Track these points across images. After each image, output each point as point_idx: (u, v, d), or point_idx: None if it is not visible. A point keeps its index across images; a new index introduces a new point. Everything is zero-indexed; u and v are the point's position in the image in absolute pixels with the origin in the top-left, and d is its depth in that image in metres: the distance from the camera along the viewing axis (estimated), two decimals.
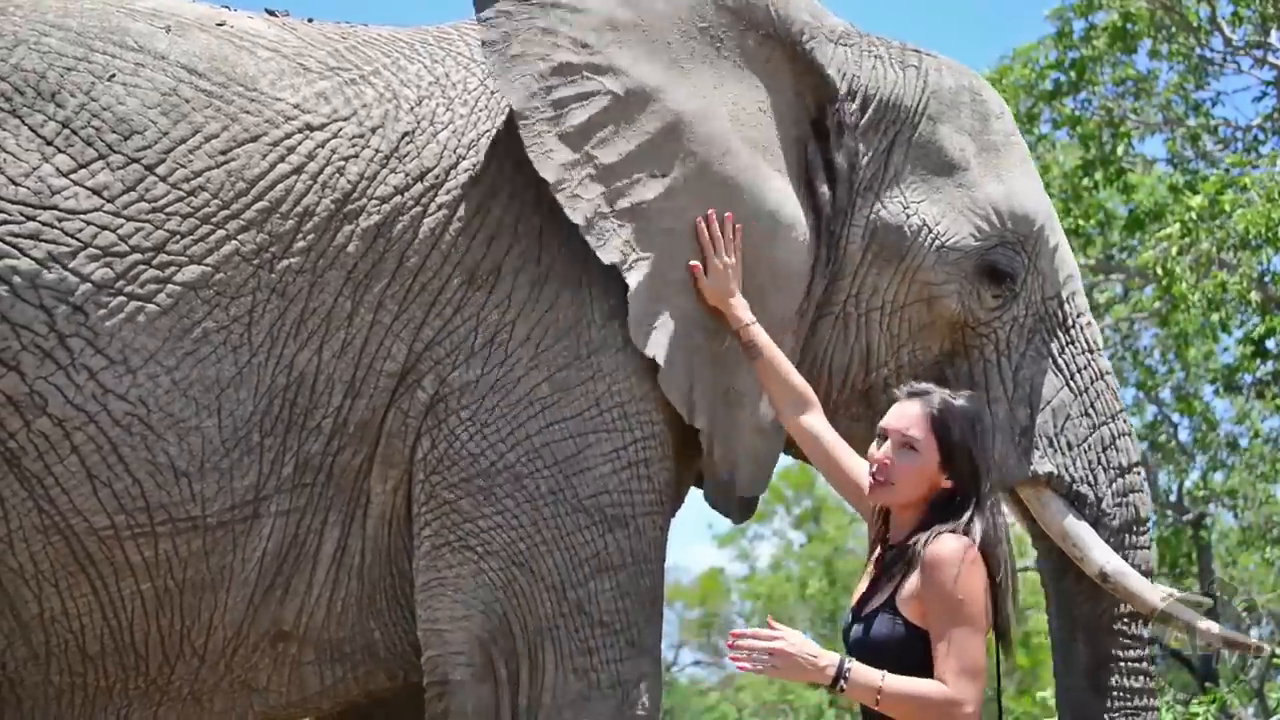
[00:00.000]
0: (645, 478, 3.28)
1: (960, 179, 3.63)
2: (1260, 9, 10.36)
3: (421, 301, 3.19)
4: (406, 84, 3.31)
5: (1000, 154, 3.71)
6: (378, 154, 3.21)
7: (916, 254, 3.56)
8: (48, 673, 3.09)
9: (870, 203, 3.56)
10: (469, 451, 3.17)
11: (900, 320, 3.58)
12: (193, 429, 3.05)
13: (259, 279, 3.10)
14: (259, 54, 3.23)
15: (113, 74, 3.09)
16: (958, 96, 3.69)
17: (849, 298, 3.56)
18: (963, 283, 3.58)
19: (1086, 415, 3.66)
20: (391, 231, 3.18)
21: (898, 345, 3.59)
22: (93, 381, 2.98)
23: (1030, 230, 3.66)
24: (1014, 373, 3.64)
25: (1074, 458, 3.63)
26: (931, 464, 2.80)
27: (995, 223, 3.61)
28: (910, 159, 3.61)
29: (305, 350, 3.13)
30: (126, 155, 3.05)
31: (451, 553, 3.18)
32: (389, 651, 3.28)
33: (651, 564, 3.31)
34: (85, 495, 3.00)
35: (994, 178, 3.66)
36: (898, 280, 3.56)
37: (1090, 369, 3.70)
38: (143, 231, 3.03)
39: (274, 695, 3.25)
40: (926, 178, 3.61)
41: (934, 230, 3.57)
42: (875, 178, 3.58)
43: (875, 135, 3.59)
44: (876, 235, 3.55)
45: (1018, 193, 3.68)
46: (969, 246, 3.58)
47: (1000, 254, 3.60)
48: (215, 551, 3.10)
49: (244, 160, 3.12)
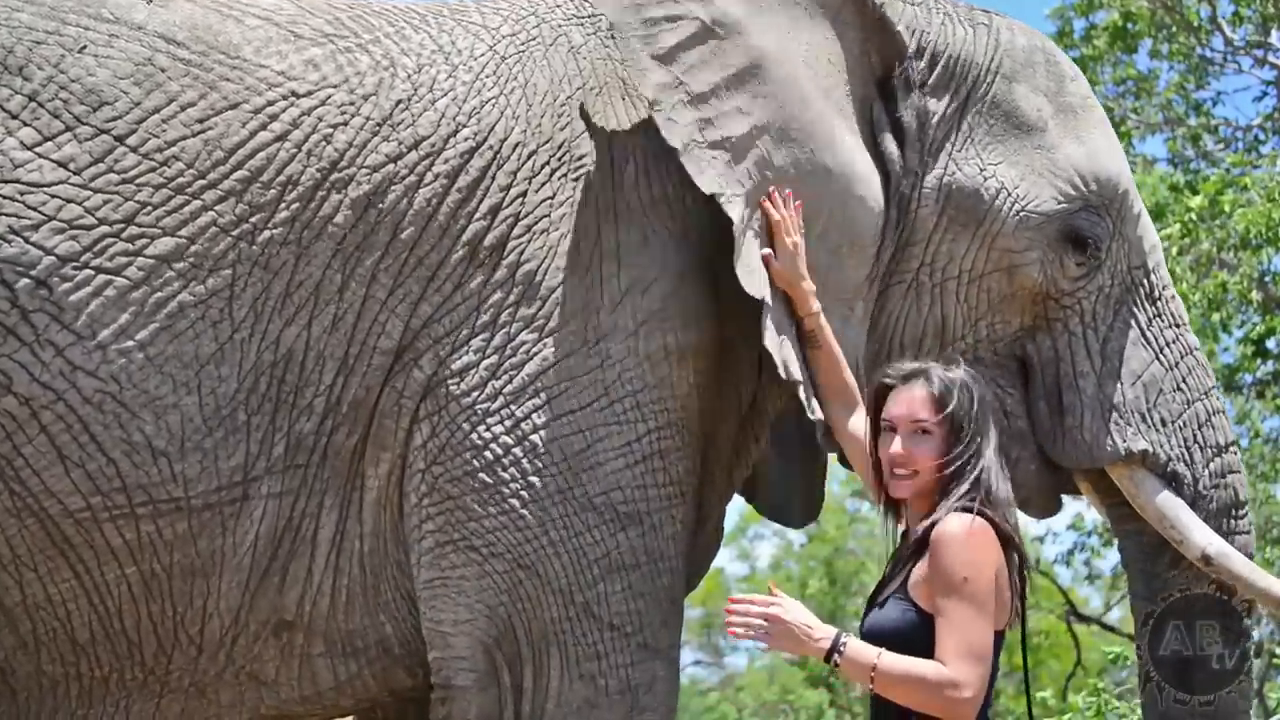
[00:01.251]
0: (661, 470, 3.16)
1: (1038, 140, 3.47)
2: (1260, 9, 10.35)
3: (418, 276, 3.08)
4: (407, 52, 3.21)
5: (1079, 115, 3.55)
6: (369, 121, 3.10)
7: (995, 219, 3.40)
8: (39, 662, 3.03)
9: (943, 165, 3.40)
10: (472, 443, 3.07)
11: (978, 291, 3.42)
12: (170, 406, 2.96)
13: (239, 251, 3.00)
14: (247, 22, 3.14)
15: (84, 45, 3.00)
16: (1031, 56, 3.53)
17: (922, 266, 3.40)
18: (1045, 250, 3.42)
19: (1179, 390, 3.49)
20: (383, 202, 3.07)
21: (975, 318, 3.43)
22: (60, 358, 2.90)
23: (1115, 194, 3.50)
24: (1101, 346, 3.47)
25: (1168, 435, 3.46)
26: (947, 442, 2.75)
27: (1078, 186, 3.45)
28: (984, 120, 3.45)
29: (293, 326, 3.03)
30: (95, 126, 2.97)
31: (455, 552, 3.09)
32: (403, 648, 3.20)
33: (669, 561, 3.19)
34: (57, 476, 2.92)
35: (1074, 139, 3.50)
36: (975, 247, 3.40)
37: (1180, 343, 3.53)
38: (111, 203, 2.95)
39: (284, 689, 3.17)
40: (1002, 139, 3.45)
41: (1013, 194, 3.41)
42: (947, 138, 3.42)
43: (946, 95, 3.44)
44: (951, 199, 3.40)
45: (1100, 155, 3.52)
46: (1051, 210, 3.42)
47: (1084, 219, 3.44)
48: (203, 535, 3.01)
49: (222, 128, 3.03)
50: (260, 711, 3.19)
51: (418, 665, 3.22)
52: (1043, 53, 3.58)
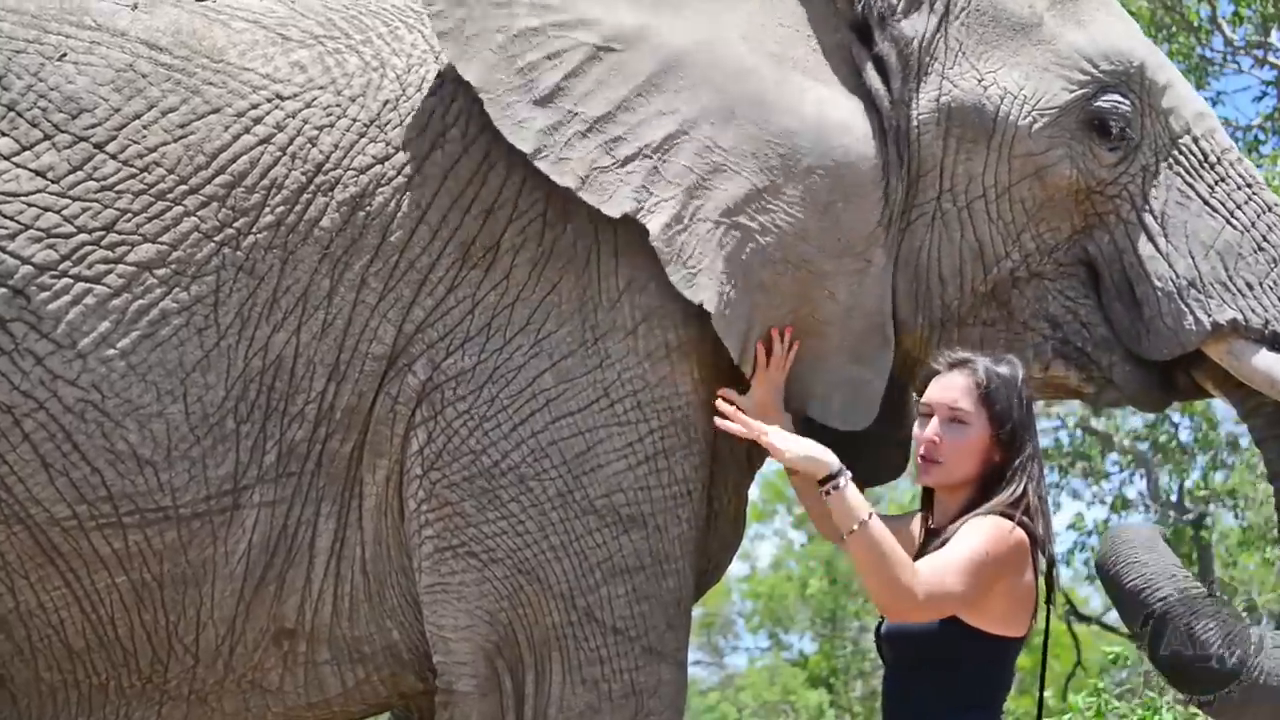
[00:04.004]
0: (665, 470, 3.09)
1: (1036, 36, 3.28)
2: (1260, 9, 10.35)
3: (409, 280, 3.03)
4: (398, 52, 3.16)
5: (1074, 4, 3.35)
6: (355, 123, 3.05)
7: (1007, 126, 3.22)
8: (36, 669, 3.02)
9: (936, 86, 3.23)
10: (469, 448, 3.04)
11: (1009, 203, 3.23)
12: (155, 415, 2.93)
13: (223, 256, 2.96)
14: (234, 25, 3.10)
15: (64, 53, 2.97)
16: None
17: (942, 193, 3.23)
18: (1070, 145, 3.24)
19: (1260, 250, 3.27)
20: (371, 204, 3.02)
21: (1016, 231, 3.24)
22: (40, 367, 2.88)
23: (1129, 67, 3.29)
24: (1162, 226, 3.26)
25: (1257, 298, 3.24)
26: (983, 437, 2.72)
27: (1088, 69, 3.26)
28: (971, 30, 3.27)
29: (281, 331, 2.99)
30: (73, 134, 2.94)
31: (455, 558, 3.06)
32: (412, 653, 3.17)
33: (674, 563, 3.13)
34: (42, 484, 2.90)
35: (1074, 25, 3.31)
36: (993, 160, 3.22)
37: (1253, 203, 3.31)
38: (90, 211, 2.92)
39: (290, 696, 3.14)
40: (996, 44, 3.26)
41: (1019, 96, 3.23)
42: (934, 59, 3.25)
43: (920, 15, 3.27)
44: (954, 117, 3.23)
45: (1107, 33, 3.33)
46: (1064, 102, 3.24)
47: (1104, 102, 3.25)
48: (194, 544, 2.99)
49: (204, 133, 2.99)
50: (266, 719, 3.17)
51: (428, 669, 3.19)
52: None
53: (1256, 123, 11.10)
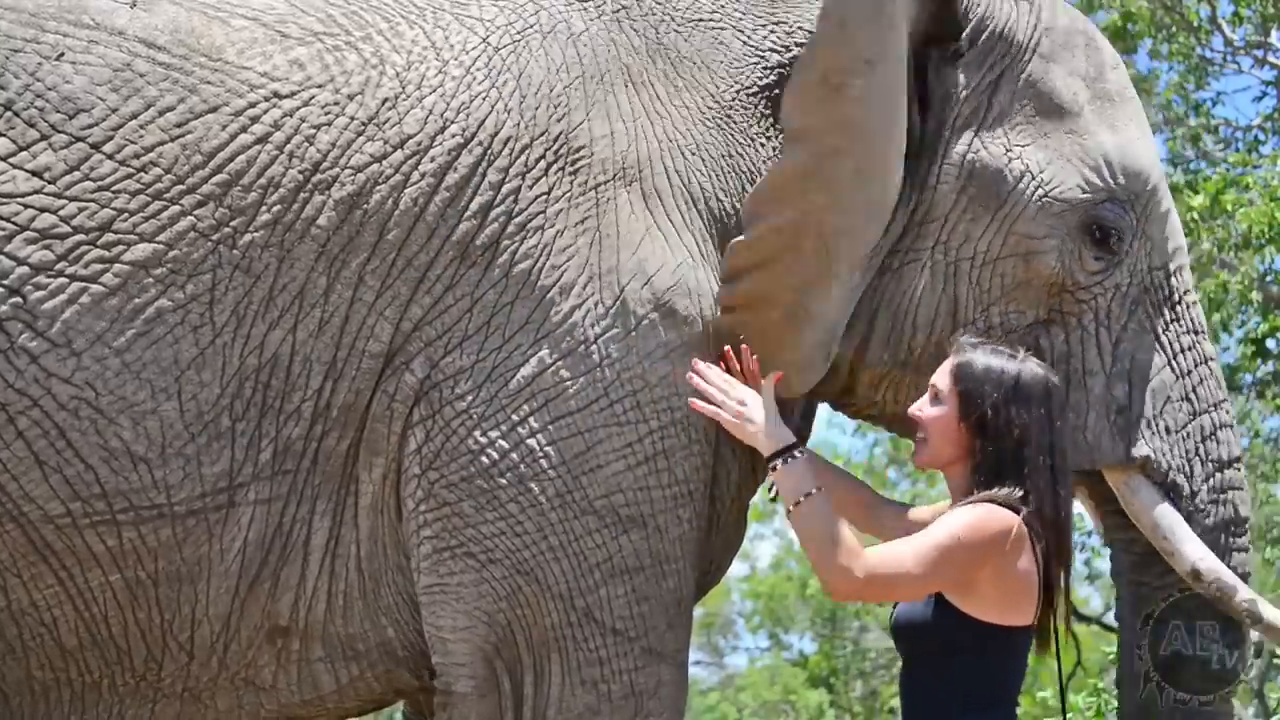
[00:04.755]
0: (665, 471, 3.07)
1: (1071, 125, 3.33)
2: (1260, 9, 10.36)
3: (407, 278, 3.01)
4: (397, 49, 3.13)
5: (1115, 105, 3.40)
6: (353, 121, 3.03)
7: (1017, 202, 3.27)
8: (28, 668, 3.00)
9: (968, 141, 3.28)
10: (468, 448, 3.01)
11: (991, 274, 3.28)
12: (149, 413, 2.91)
13: (219, 255, 2.94)
14: (233, 23, 3.08)
15: (62, 53, 2.95)
16: (1072, 38, 3.39)
17: (937, 244, 3.28)
18: (1065, 239, 3.28)
19: (1187, 400, 3.34)
20: (368, 202, 3.00)
21: (987, 302, 3.29)
22: (34, 365, 2.86)
23: (1143, 189, 3.35)
24: (1114, 346, 3.32)
25: (1171, 444, 3.31)
26: (953, 418, 2.72)
27: (1106, 176, 3.31)
28: (1017, 99, 3.32)
29: (277, 330, 2.97)
30: (70, 134, 2.92)
31: (453, 559, 3.04)
32: (407, 650, 3.15)
33: (675, 563, 3.11)
34: (35, 481, 2.88)
35: (1107, 127, 3.36)
36: (993, 229, 3.28)
37: (1195, 351, 3.37)
38: (86, 211, 2.90)
39: (284, 693, 3.13)
40: (1033, 120, 3.32)
41: (1038, 177, 3.28)
42: (975, 114, 3.30)
43: (980, 69, 3.31)
44: (974, 177, 3.27)
45: (1133, 147, 3.38)
46: (1075, 199, 3.29)
47: (1108, 210, 3.30)
48: (188, 541, 2.97)
49: (201, 132, 2.97)
50: (260, 715, 3.16)
51: (423, 667, 3.18)
52: (1084, 35, 3.43)
53: (1256, 123, 11.12)
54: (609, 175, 3.12)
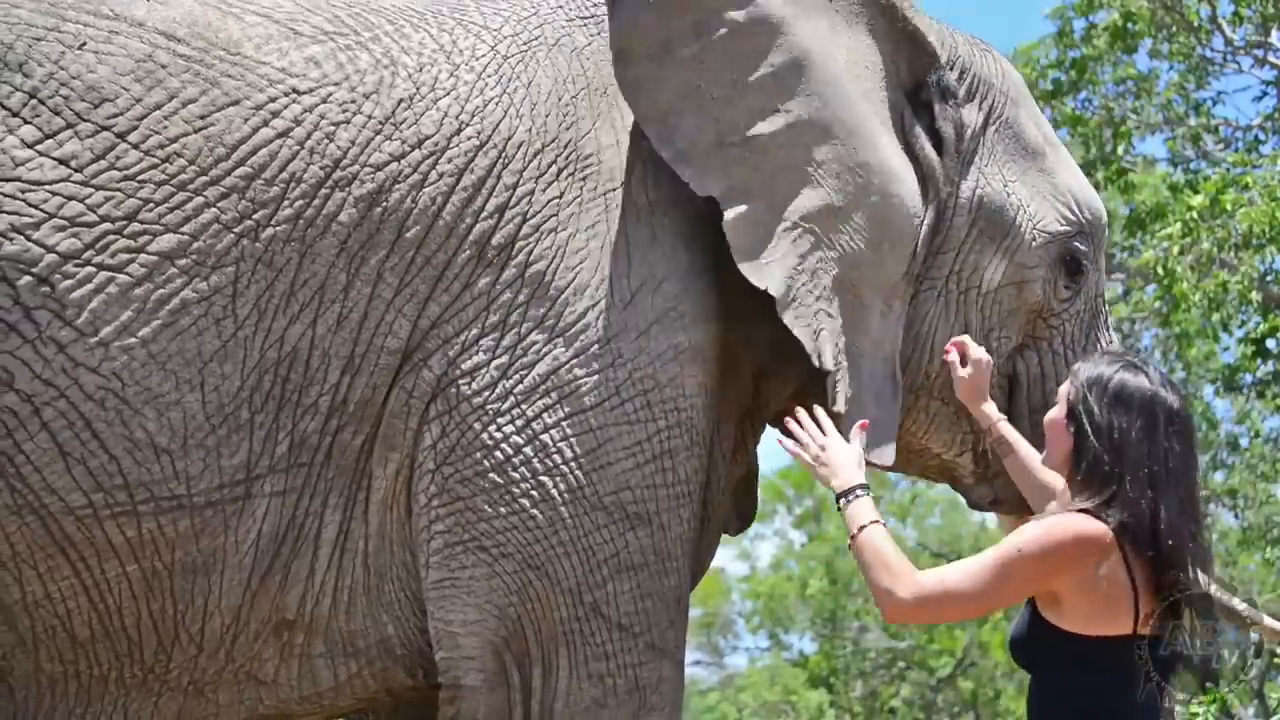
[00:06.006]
0: (670, 470, 3.13)
1: (1040, 164, 3.61)
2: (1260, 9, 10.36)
3: (425, 276, 3.06)
4: (407, 50, 3.18)
5: (1058, 148, 3.71)
6: (371, 120, 3.07)
7: (1017, 234, 3.52)
8: (38, 660, 3.00)
9: (975, 177, 3.51)
10: (482, 443, 3.05)
11: (993, 302, 3.53)
12: (173, 404, 2.93)
13: (242, 248, 2.97)
14: (246, 19, 3.11)
15: (84, 42, 2.97)
16: (1021, 88, 3.70)
17: (951, 274, 3.48)
18: (1048, 270, 3.55)
19: None
20: (388, 200, 3.04)
21: (988, 328, 3.53)
22: (62, 355, 2.87)
23: (1099, 225, 3.67)
24: None
25: None
26: (1061, 419, 2.70)
27: (1075, 211, 3.59)
28: (1002, 138, 3.57)
29: (297, 324, 3.00)
30: (96, 123, 2.93)
31: (465, 553, 3.06)
32: (405, 648, 3.18)
33: (676, 561, 3.18)
34: (58, 473, 2.88)
35: (1066, 168, 3.66)
36: (997, 260, 3.51)
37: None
38: (113, 200, 2.92)
39: (284, 688, 3.14)
40: (1015, 158, 3.58)
41: (1028, 211, 3.54)
42: (976, 152, 3.54)
43: (974, 109, 3.55)
44: (983, 210, 3.50)
45: (1085, 185, 3.69)
46: (1056, 231, 3.55)
47: (1080, 244, 3.59)
48: (205, 533, 2.98)
49: (224, 125, 2.99)
50: (259, 711, 3.17)
51: (418, 665, 3.20)
52: (1024, 86, 3.74)
53: (1256, 123, 11.12)
54: (616, 183, 3.19)
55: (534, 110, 3.18)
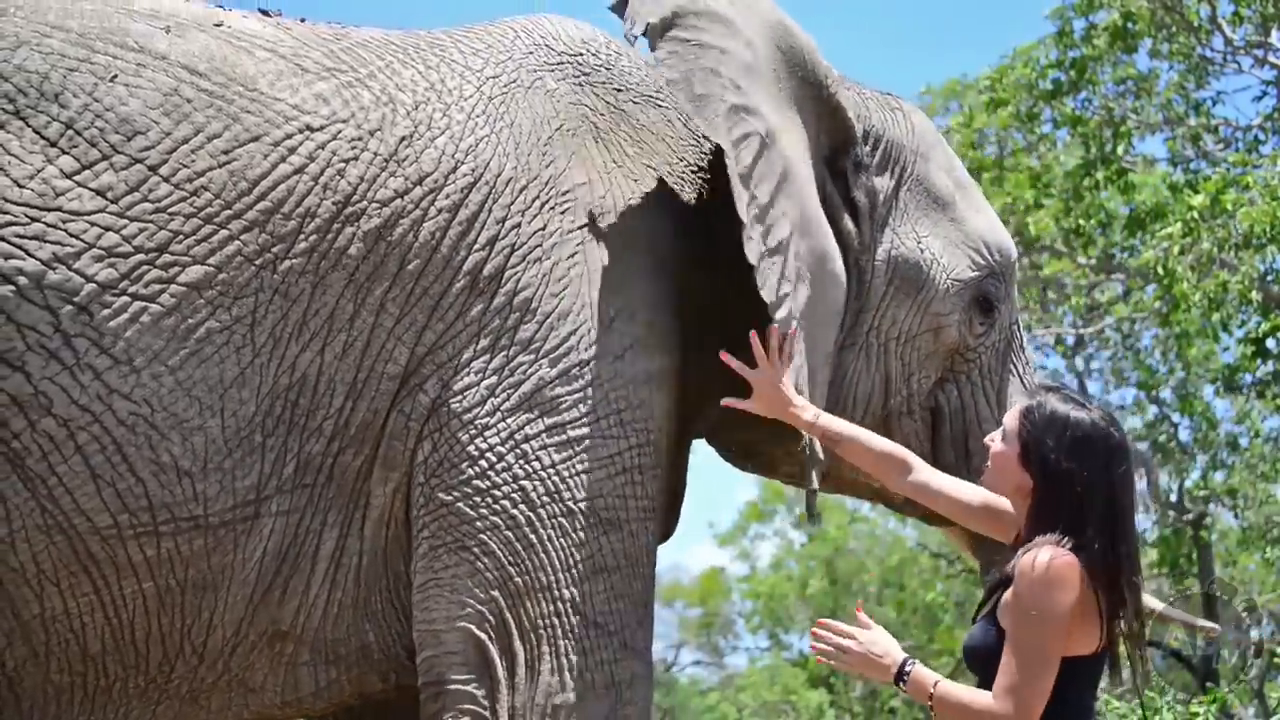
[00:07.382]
0: (639, 484, 3.32)
1: (951, 213, 3.87)
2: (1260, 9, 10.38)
3: (423, 306, 3.20)
4: (402, 88, 3.33)
5: (969, 191, 3.97)
6: (376, 157, 3.21)
7: (930, 286, 3.77)
8: (48, 671, 3.08)
9: (889, 239, 3.77)
10: (468, 453, 3.19)
11: (911, 349, 3.78)
12: (196, 429, 3.04)
13: (262, 280, 3.09)
14: (257, 54, 3.22)
15: (115, 74, 3.07)
16: (933, 138, 3.94)
17: (871, 329, 3.74)
18: (962, 313, 3.81)
19: None
20: (392, 235, 3.19)
21: (908, 373, 3.79)
22: (98, 381, 2.97)
23: (1009, 261, 3.93)
24: (996, 394, 3.87)
25: None
26: (1013, 455, 2.76)
27: (985, 254, 3.86)
28: (913, 196, 3.83)
29: (307, 351, 3.13)
30: (130, 156, 3.04)
31: (448, 553, 3.19)
32: (382, 653, 3.29)
33: (643, 567, 3.34)
34: (89, 495, 2.98)
35: (975, 211, 3.92)
36: (913, 311, 3.76)
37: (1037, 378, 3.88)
38: (146, 232, 3.02)
39: (269, 695, 3.24)
40: (927, 213, 3.83)
41: (941, 262, 3.79)
42: (890, 214, 3.79)
43: (886, 174, 3.80)
44: (898, 269, 3.75)
45: (995, 226, 3.96)
46: (968, 277, 3.81)
47: (991, 284, 3.85)
48: (217, 551, 3.09)
49: (246, 160, 3.11)
50: (244, 715, 3.27)
51: (391, 670, 3.32)
52: (935, 134, 3.98)
53: (1256, 123, 11.13)
54: (591, 218, 3.40)
55: (518, 149, 3.37)
